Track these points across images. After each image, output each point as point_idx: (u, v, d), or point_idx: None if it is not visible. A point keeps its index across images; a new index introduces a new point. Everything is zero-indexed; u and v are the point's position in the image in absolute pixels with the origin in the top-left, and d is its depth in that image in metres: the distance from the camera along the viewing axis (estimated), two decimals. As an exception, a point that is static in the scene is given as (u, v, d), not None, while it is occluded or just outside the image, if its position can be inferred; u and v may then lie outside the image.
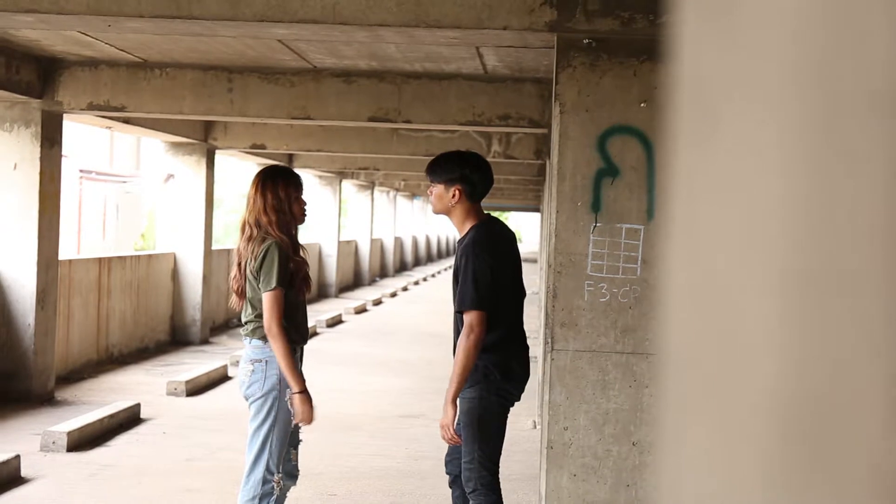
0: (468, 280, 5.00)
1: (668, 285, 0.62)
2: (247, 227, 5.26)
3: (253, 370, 5.16)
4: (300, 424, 5.23)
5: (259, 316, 5.17)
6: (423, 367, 14.09)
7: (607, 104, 5.33)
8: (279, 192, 5.26)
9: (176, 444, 8.99)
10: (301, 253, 5.38)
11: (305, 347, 5.46)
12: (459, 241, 5.23)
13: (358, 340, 17.32)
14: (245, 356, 5.25)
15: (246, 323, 5.25)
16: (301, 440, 5.50)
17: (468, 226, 5.17)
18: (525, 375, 5.22)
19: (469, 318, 4.98)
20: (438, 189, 5.20)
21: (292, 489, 5.51)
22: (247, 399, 5.23)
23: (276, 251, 5.14)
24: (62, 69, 10.55)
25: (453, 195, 5.15)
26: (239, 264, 5.29)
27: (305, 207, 5.42)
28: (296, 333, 5.24)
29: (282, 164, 5.49)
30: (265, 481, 5.17)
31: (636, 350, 5.36)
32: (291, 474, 5.42)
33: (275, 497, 5.22)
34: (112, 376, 12.65)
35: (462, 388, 5.01)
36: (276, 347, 5.08)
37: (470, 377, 5.06)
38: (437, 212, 5.34)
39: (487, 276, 5.02)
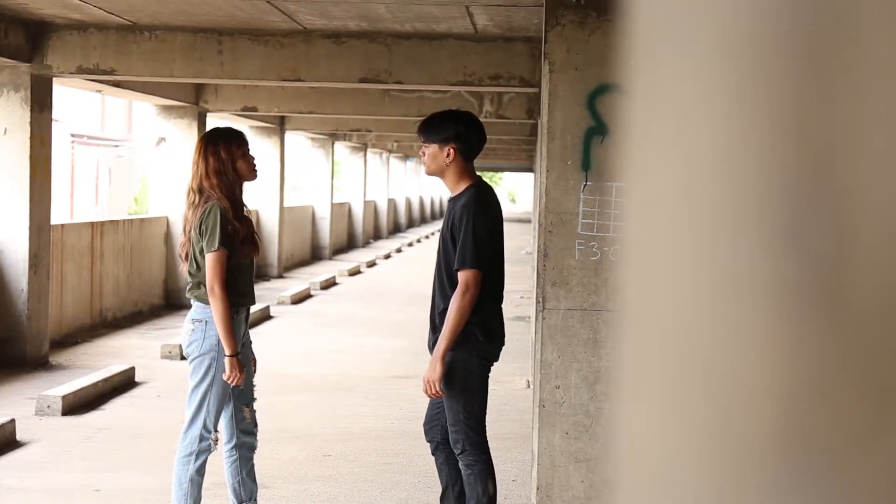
0: (468, 239, 4.98)
1: (624, 243, 0.64)
2: (191, 194, 5.28)
3: (193, 329, 5.25)
4: (229, 383, 5.28)
5: (201, 276, 5.23)
6: (418, 328, 14.11)
7: (596, 62, 5.32)
8: (220, 154, 5.26)
9: (171, 407, 9.01)
10: (245, 215, 5.38)
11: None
12: (452, 199, 5.20)
13: (352, 302, 17.34)
14: (188, 315, 5.33)
15: (190, 283, 5.31)
16: (255, 398, 5.57)
17: (463, 185, 5.15)
18: (504, 336, 5.25)
19: (465, 276, 4.98)
20: (432, 149, 5.16)
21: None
22: (187, 357, 5.33)
23: (217, 213, 5.17)
24: (51, 33, 10.49)
25: (448, 154, 5.12)
26: (185, 229, 5.33)
27: (254, 162, 5.40)
28: (238, 296, 5.28)
29: (225, 125, 5.44)
30: (202, 438, 5.28)
31: (627, 308, 5.36)
32: (248, 431, 5.50)
33: (214, 454, 5.38)
34: (106, 340, 12.67)
35: (451, 345, 5.02)
36: (215, 308, 5.14)
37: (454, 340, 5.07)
38: (430, 173, 5.29)
39: (486, 236, 5.03)
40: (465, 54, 10.41)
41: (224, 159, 5.25)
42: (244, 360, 5.38)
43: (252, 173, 5.37)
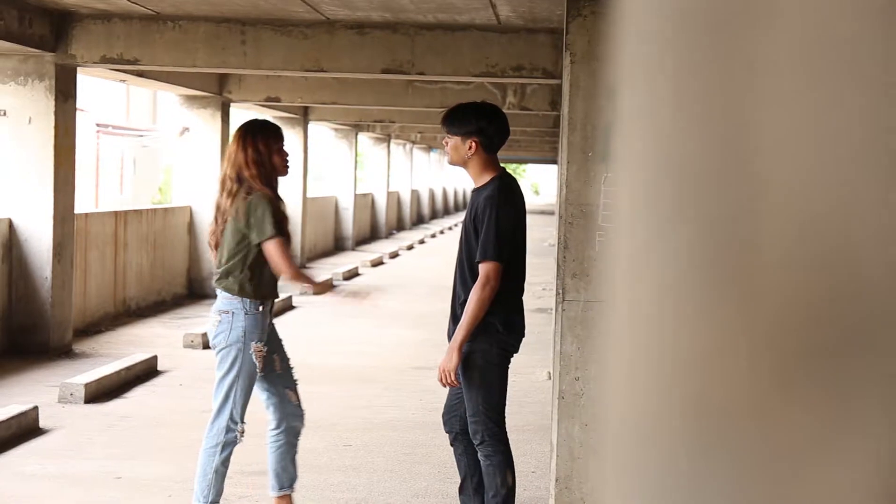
0: (491, 231, 4.97)
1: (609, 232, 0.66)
2: (227, 182, 5.30)
3: (220, 321, 5.26)
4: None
5: (230, 267, 5.25)
6: (439, 319, 14.11)
7: (618, 54, 5.30)
8: (259, 146, 5.30)
9: (192, 396, 9.06)
10: (282, 207, 5.42)
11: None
12: (475, 190, 5.20)
13: (374, 293, 17.33)
14: (215, 306, 5.36)
15: (217, 273, 5.33)
16: (296, 381, 5.58)
17: (487, 177, 5.14)
18: (524, 328, 5.24)
19: (487, 268, 4.98)
20: (455, 141, 5.16)
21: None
22: (213, 348, 5.35)
23: (265, 202, 5.21)
24: (75, 22, 10.54)
25: (469, 147, 5.12)
26: (216, 218, 5.35)
27: (287, 159, 5.44)
28: (265, 288, 5.31)
29: (261, 117, 5.53)
30: (228, 430, 5.29)
31: (647, 300, 5.35)
32: (295, 414, 5.51)
33: (238, 444, 5.39)
34: (129, 329, 12.73)
35: (469, 337, 5.02)
36: (296, 279, 5.38)
37: (476, 331, 5.07)
38: (453, 163, 5.30)
39: (509, 229, 5.03)
40: (488, 45, 10.39)
41: (262, 152, 5.30)
42: (273, 346, 5.42)
43: (285, 168, 5.41)
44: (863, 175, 0.53)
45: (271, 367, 5.42)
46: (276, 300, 5.59)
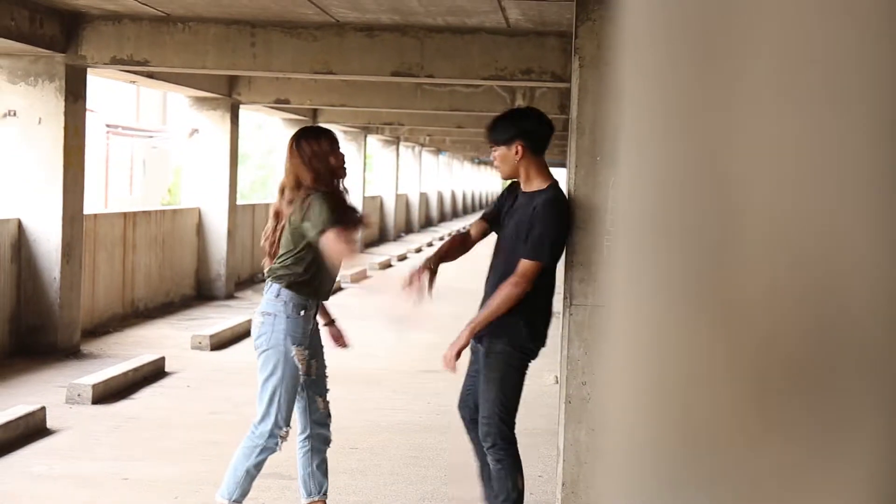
0: (550, 234, 4.98)
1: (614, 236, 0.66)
2: (287, 191, 5.29)
3: (263, 322, 5.26)
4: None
5: (283, 262, 5.24)
6: (448, 322, 14.09)
7: (627, 58, 5.29)
8: (313, 148, 5.30)
9: (200, 398, 9.07)
10: (349, 205, 5.42)
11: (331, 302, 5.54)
12: (527, 193, 5.15)
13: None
14: (260, 306, 5.35)
15: (272, 269, 5.32)
16: (328, 389, 5.58)
17: (543, 182, 5.13)
18: (546, 337, 5.26)
19: (527, 267, 4.98)
20: (501, 150, 5.16)
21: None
22: (255, 349, 5.34)
23: (321, 199, 5.21)
24: (85, 23, 10.56)
25: (516, 152, 5.11)
26: (274, 224, 5.34)
27: (344, 160, 5.43)
28: (314, 289, 5.31)
29: (312, 123, 5.53)
30: (271, 435, 5.27)
31: (655, 305, 5.34)
32: (321, 422, 5.51)
33: (279, 450, 5.37)
34: (137, 330, 12.75)
35: (485, 326, 5.03)
36: (359, 258, 5.21)
37: (499, 330, 5.08)
38: (505, 176, 5.26)
39: (563, 240, 5.06)
40: (497, 48, 10.39)
41: (316, 154, 5.29)
42: (314, 349, 5.41)
43: (343, 170, 5.40)
44: (848, 200, 0.53)
45: (306, 371, 5.41)
46: (326, 301, 5.56)
